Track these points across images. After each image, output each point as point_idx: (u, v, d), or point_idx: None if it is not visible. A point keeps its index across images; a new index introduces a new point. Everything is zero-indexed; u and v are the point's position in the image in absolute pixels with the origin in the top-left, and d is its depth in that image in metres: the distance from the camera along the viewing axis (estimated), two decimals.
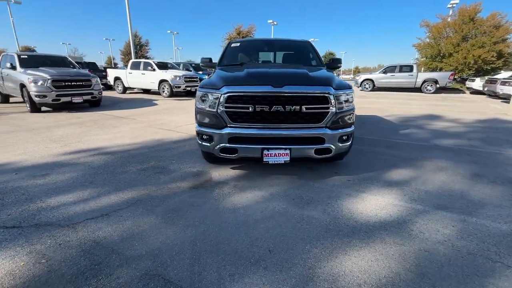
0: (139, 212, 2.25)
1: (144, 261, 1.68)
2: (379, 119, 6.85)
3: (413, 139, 4.79)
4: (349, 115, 2.80)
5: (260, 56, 4.21)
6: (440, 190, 2.70)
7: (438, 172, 3.19)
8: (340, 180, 2.94)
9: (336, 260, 1.69)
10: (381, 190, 2.70)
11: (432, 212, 2.27)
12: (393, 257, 1.71)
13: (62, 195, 2.55)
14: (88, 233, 1.96)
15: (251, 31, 29.57)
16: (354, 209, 2.32)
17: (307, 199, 2.50)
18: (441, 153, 3.94)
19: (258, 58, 4.17)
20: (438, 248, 1.80)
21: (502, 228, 2.04)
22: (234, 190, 2.69)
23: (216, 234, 1.96)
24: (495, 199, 2.51)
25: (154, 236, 1.93)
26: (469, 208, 2.34)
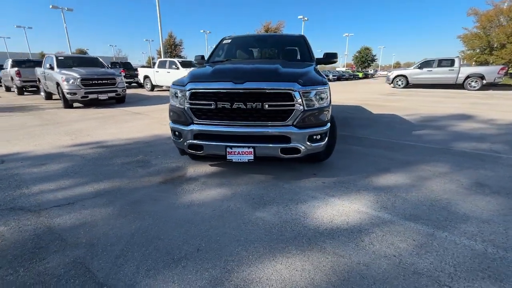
0: (101, 203, 2.38)
1: (79, 249, 1.77)
2: (395, 119, 6.31)
3: (424, 141, 4.32)
4: (322, 113, 2.62)
5: (250, 52, 4.13)
6: (422, 199, 2.40)
7: (433, 179, 2.84)
8: (315, 182, 2.78)
9: (259, 265, 1.60)
10: (354, 195, 2.49)
11: (398, 223, 2.03)
12: (323, 268, 1.57)
13: (46, 183, 2.80)
14: (47, 219, 2.13)
15: (280, 28, 29.18)
16: (311, 213, 2.18)
17: (267, 200, 2.41)
18: (449, 157, 3.49)
19: (248, 54, 4.09)
20: (381, 263, 1.60)
21: (474, 247, 1.74)
22: (200, 187, 2.70)
23: (158, 228, 1.99)
24: (485, 213, 2.15)
25: (101, 227, 2.02)
26: (446, 222, 2.04)
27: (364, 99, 10.46)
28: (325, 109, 2.64)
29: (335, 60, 3.89)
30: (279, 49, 4.05)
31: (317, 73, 2.97)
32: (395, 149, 3.91)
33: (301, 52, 3.86)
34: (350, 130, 5.14)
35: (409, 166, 3.23)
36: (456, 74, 14.07)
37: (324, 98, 2.62)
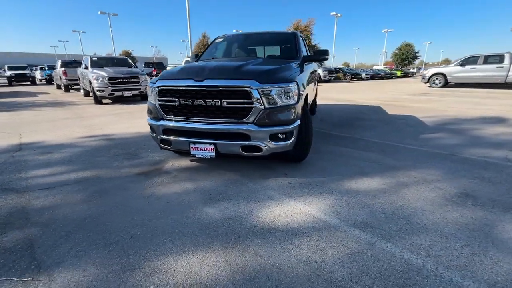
0: (76, 189, 2.63)
1: (36, 227, 1.99)
2: (410, 121, 5.81)
3: (429, 145, 3.94)
4: (286, 111, 2.56)
5: (240, 50, 4.15)
6: (385, 207, 2.22)
7: (412, 186, 2.60)
8: (281, 182, 2.72)
9: (176, 257, 1.65)
10: (313, 197, 2.39)
11: (342, 229, 1.91)
12: (234, 266, 1.56)
13: (42, 169, 3.17)
14: (26, 200, 2.42)
15: (310, 26, 28.45)
16: (257, 212, 2.15)
17: (223, 196, 2.43)
18: (446, 164, 3.15)
19: (238, 52, 4.12)
20: (296, 268, 1.54)
21: (411, 262, 1.58)
22: (168, 180, 2.82)
23: (109, 215, 2.15)
24: (449, 227, 1.92)
25: (64, 210, 2.24)
26: (396, 232, 1.87)
27: (388, 99, 9.79)
28: (290, 107, 2.57)
29: (326, 57, 3.75)
30: (268, 46, 4.02)
31: (292, 70, 2.89)
32: (389, 153, 3.63)
33: (289, 49, 3.80)
34: (351, 131, 4.88)
35: (393, 171, 2.98)
36: (506, 72, 12.40)
37: (289, 96, 2.55)
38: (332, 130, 4.95)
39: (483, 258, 1.60)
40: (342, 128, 5.11)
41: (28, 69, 22.58)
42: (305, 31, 28.01)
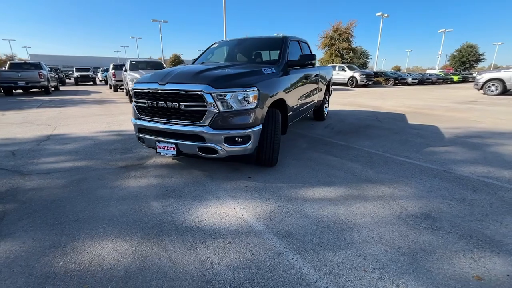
0: (64, 176, 3.05)
1: (14, 204, 2.40)
2: (426, 131, 5.24)
3: (428, 159, 3.55)
4: (243, 115, 2.61)
5: (231, 55, 4.27)
6: (324, 219, 2.12)
7: (371, 201, 2.42)
8: (237, 185, 2.78)
9: (96, 241, 1.85)
10: (256, 202, 2.40)
11: (260, 236, 1.91)
12: (137, 256, 1.70)
13: (52, 157, 3.73)
14: (23, 181, 2.90)
15: (350, 27, 27.08)
16: (194, 211, 2.26)
17: (175, 193, 2.59)
18: (431, 181, 2.83)
19: (228, 57, 4.24)
20: (190, 266, 1.61)
21: (306, 276, 1.52)
22: (141, 174, 3.09)
23: (72, 200, 2.47)
24: (377, 248, 1.77)
25: (43, 193, 2.64)
26: (315, 246, 1.80)
27: (421, 107, 8.91)
28: (248, 112, 2.62)
29: (311, 62, 3.66)
30: (256, 51, 4.08)
31: (257, 75, 2.91)
32: (375, 164, 3.38)
33: (275, 54, 3.80)
34: (351, 139, 4.63)
35: (363, 184, 2.80)
36: None
37: (246, 100, 2.60)
38: (331, 137, 4.75)
39: (389, 286, 1.46)
40: (343, 136, 4.87)
41: (91, 71, 26.02)
42: (345, 33, 26.82)
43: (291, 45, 4.09)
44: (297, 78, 3.88)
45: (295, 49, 4.26)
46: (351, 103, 9.80)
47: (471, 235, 1.91)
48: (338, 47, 27.07)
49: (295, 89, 3.78)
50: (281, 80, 3.29)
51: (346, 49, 27.19)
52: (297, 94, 3.89)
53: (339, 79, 20.00)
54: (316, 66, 5.15)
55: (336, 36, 27.11)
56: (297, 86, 3.90)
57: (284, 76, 3.44)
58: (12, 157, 3.69)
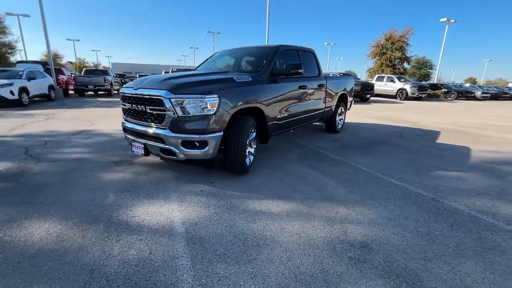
0: (64, 165, 3.56)
1: (13, 183, 2.91)
2: (449, 152, 4.50)
3: (424, 184, 3.07)
4: (200, 121, 2.70)
5: (226, 63, 4.39)
6: (245, 232, 2.05)
7: (311, 221, 2.23)
8: (195, 188, 2.85)
9: (38, 221, 2.14)
10: (196, 207, 2.44)
11: (171, 238, 1.95)
12: (57, 239, 1.91)
13: (70, 148, 4.37)
14: (34, 166, 3.49)
15: (406, 36, 24.65)
16: (135, 207, 2.41)
17: (135, 190, 2.79)
18: (405, 208, 2.46)
19: (226, 65, 4.37)
20: (78, 254, 1.75)
21: (178, 284, 1.51)
22: (124, 169, 3.41)
23: (55, 185, 2.87)
24: (275, 274, 1.64)
25: (41, 177, 3.13)
26: (208, 254, 1.76)
27: (468, 125, 7.67)
28: (205, 118, 2.71)
29: (297, 71, 3.55)
30: (249, 60, 4.12)
31: (222, 83, 2.97)
32: (353, 183, 3.08)
33: (260, 63, 3.79)
34: (350, 154, 4.28)
35: (322, 202, 2.59)
36: None
37: (204, 107, 2.68)
38: (331, 151, 4.47)
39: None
40: (346, 150, 4.53)
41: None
42: (399, 42, 24.60)
43: (285, 54, 4.03)
44: (286, 87, 3.81)
45: (291, 58, 4.18)
46: (385, 117, 8.97)
47: (400, 275, 1.62)
48: (390, 57, 24.98)
49: (281, 98, 3.71)
50: (257, 88, 3.28)
51: (399, 59, 24.91)
52: (285, 103, 3.81)
53: (387, 91, 18.46)
54: (322, 76, 4.94)
55: (388, 45, 25.09)
56: (286, 95, 3.82)
57: (265, 84, 3.42)
58: (42, 146, 4.45)
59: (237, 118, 3.04)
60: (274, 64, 3.68)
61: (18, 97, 9.64)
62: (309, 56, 4.73)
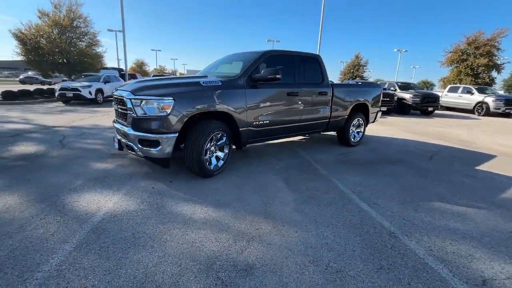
0: (75, 152, 4.21)
1: (23, 162, 3.62)
2: (483, 181, 3.53)
3: (399, 214, 2.52)
4: (154, 121, 2.86)
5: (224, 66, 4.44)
6: (126, 229, 2.06)
7: (218, 233, 2.10)
8: (148, 185, 3.00)
9: (7, 194, 2.60)
10: (129, 201, 2.58)
11: (74, 230, 2.11)
12: (8, 210, 2.30)
13: (92, 139, 5.14)
14: (55, 151, 4.24)
15: (496, 39, 19.97)
16: (82, 194, 2.70)
17: (103, 179, 3.11)
18: (331, 239, 2.07)
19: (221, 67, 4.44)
20: None
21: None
22: (113, 162, 3.83)
23: (51, 167, 3.44)
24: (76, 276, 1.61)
25: (49, 160, 3.80)
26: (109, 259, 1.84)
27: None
28: (159, 119, 2.85)
29: (275, 77, 3.39)
30: (235, 65, 4.09)
31: (182, 87, 3.07)
32: (310, 201, 2.75)
33: (241, 67, 3.75)
34: (344, 170, 3.81)
35: (254, 215, 2.40)
36: None
37: (158, 108, 2.83)
38: (324, 165, 4.06)
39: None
40: (343, 166, 4.04)
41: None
42: (486, 46, 20.22)
43: (275, 60, 3.90)
44: (267, 93, 3.67)
45: (283, 64, 3.99)
46: (433, 134, 7.58)
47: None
48: (471, 64, 20.73)
49: (260, 104, 3.60)
50: (226, 93, 3.27)
51: (484, 66, 20.47)
52: (265, 110, 3.67)
53: (462, 104, 15.49)
54: (326, 83, 4.54)
55: (470, 50, 20.90)
56: (267, 101, 3.68)
57: (238, 89, 3.37)
58: (77, 137, 5.37)
59: (199, 121, 3.09)
60: (256, 70, 3.59)
61: (94, 97, 11.80)
62: (311, 63, 4.43)
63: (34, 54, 15.72)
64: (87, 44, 17.41)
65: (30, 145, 4.49)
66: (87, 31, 17.22)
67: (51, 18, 15.78)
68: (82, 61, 16.96)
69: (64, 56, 16.32)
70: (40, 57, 15.86)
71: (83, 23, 16.91)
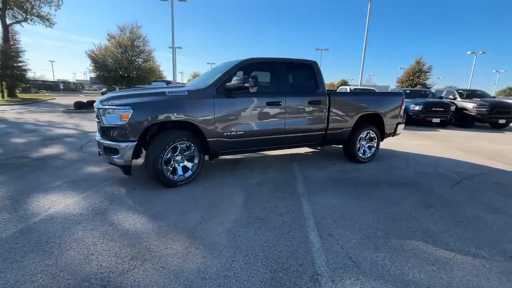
0: (83, 155, 4.71)
1: (34, 163, 4.19)
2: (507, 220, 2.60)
3: (344, 252, 2.03)
4: (112, 130, 2.99)
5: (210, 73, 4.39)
6: (50, 232, 2.11)
7: (109, 241, 2.00)
8: (112, 190, 3.12)
9: None
10: (86, 203, 2.69)
11: (26, 221, 2.29)
12: None
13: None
14: (69, 154, 4.83)
15: None
16: (52, 192, 2.94)
17: (84, 180, 3.38)
18: (230, 267, 1.75)
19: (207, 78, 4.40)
20: None
21: None
22: (103, 166, 4.13)
23: (49, 168, 3.91)
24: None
25: (56, 160, 4.32)
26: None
27: None
28: (117, 127, 2.97)
29: (243, 86, 3.22)
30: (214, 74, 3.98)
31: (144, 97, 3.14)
32: (253, 226, 2.45)
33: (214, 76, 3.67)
34: (329, 190, 3.33)
35: (171, 232, 2.25)
36: None
37: (118, 117, 2.94)
38: (309, 181, 3.62)
39: None
40: (332, 185, 3.53)
41: None
42: None
43: (257, 68, 3.72)
44: (241, 103, 3.50)
45: (268, 72, 3.77)
46: (491, 153, 6.07)
47: None
48: None
49: (232, 114, 3.45)
50: (192, 103, 3.22)
51: None
52: (239, 120, 3.49)
53: None
54: (321, 91, 4.09)
55: None
56: (240, 111, 3.50)
57: (206, 99, 3.29)
58: None
59: (162, 130, 3.12)
60: (229, 79, 3.45)
61: None
62: (303, 70, 4.06)
63: (102, 70, 18.83)
64: (144, 60, 20.07)
65: (57, 148, 5.21)
66: (144, 49, 19.93)
67: (117, 39, 18.78)
68: (139, 75, 19.50)
69: (124, 71, 19.08)
70: (106, 73, 18.92)
71: (142, 42, 19.63)
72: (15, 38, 23.41)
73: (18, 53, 22.11)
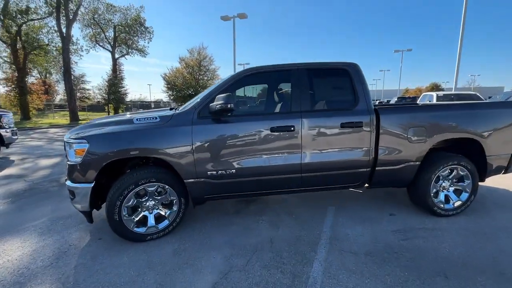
0: None
1: (54, 183, 4.20)
2: None
3: None
4: (70, 169, 2.46)
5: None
6: None
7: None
8: (75, 240, 2.60)
9: None
10: (44, 242, 2.20)
11: None
12: None
13: None
14: None
15: None
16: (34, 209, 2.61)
17: (56, 226, 3.02)
18: None
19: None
20: None
21: None
22: None
23: (53, 194, 3.79)
24: None
25: None
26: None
27: None
28: (73, 166, 2.44)
29: (226, 107, 2.26)
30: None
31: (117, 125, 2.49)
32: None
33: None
34: (379, 270, 1.95)
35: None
36: None
37: (74, 153, 2.40)
38: (341, 253, 2.29)
39: None
40: (376, 265, 2.12)
41: None
42: None
43: (249, 82, 2.66)
44: (231, 130, 2.51)
45: (267, 85, 2.66)
46: None
47: None
48: None
49: (219, 146, 2.49)
50: (161, 132, 2.42)
51: None
52: (231, 154, 2.50)
53: None
54: (362, 107, 2.67)
55: None
56: (233, 141, 2.50)
57: (182, 127, 2.44)
58: None
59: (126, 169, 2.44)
60: (214, 99, 2.50)
61: None
62: (333, 78, 2.77)
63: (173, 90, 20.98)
64: (209, 78, 21.39)
65: None
66: (209, 68, 21.32)
67: (186, 62, 20.68)
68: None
69: (193, 90, 20.69)
70: (176, 92, 20.97)
71: (208, 61, 21.05)
72: (120, 68, 28.74)
73: (120, 81, 27.00)
